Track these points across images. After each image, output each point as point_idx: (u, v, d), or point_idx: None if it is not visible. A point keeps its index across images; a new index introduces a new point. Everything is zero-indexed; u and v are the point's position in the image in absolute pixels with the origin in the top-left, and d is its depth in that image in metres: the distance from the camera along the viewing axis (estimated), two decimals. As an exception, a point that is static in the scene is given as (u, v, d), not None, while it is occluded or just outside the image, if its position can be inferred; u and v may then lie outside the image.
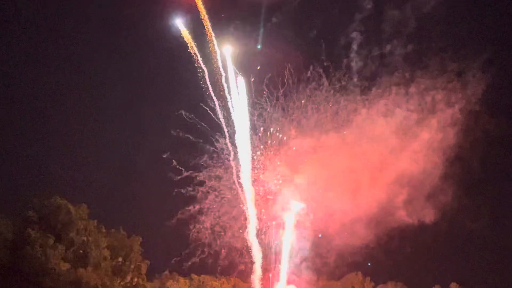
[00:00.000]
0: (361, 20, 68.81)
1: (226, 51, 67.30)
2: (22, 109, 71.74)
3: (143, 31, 70.57)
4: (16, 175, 68.67)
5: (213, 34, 66.41)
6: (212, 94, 66.80)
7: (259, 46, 67.65)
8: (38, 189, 64.89)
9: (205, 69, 66.39)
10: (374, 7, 68.73)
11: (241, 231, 71.04)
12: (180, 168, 68.67)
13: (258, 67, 67.63)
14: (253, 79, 69.13)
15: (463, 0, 71.29)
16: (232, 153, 69.34)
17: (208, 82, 66.86)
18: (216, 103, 67.24)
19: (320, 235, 73.03)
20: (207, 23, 66.13)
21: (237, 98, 68.29)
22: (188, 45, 66.71)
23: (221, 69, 66.97)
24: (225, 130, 68.58)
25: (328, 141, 71.10)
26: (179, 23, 66.22)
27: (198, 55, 66.25)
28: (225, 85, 67.08)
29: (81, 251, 62.69)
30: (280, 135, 71.28)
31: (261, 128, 70.83)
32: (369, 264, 76.07)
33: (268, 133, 70.90)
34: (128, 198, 70.91)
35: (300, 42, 69.00)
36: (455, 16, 69.12)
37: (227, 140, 69.07)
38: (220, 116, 68.10)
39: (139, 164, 72.27)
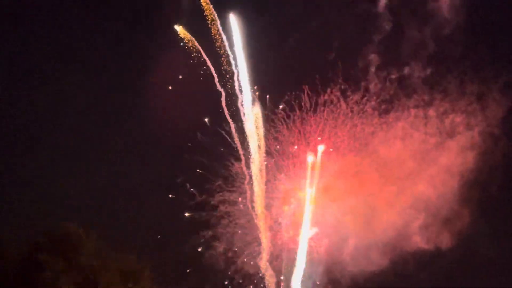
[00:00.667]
0: (379, 41, 69.23)
1: (242, 71, 68.07)
2: (33, 134, 71.89)
3: (157, 51, 71.06)
4: (26, 200, 68.49)
5: (230, 55, 67.17)
6: (228, 117, 67.45)
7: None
8: (48, 213, 65.86)
9: (222, 91, 67.01)
10: (392, 29, 69.21)
11: (254, 256, 71.20)
12: (193, 192, 69.18)
13: None
14: (268, 97, 69.84)
15: (483, 22, 71.10)
16: (247, 177, 69.76)
17: (223, 105, 67.53)
18: (232, 126, 67.88)
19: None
20: (224, 44, 66.91)
21: (253, 120, 68.80)
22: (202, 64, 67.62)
23: (238, 91, 67.65)
24: (241, 153, 69.07)
25: (344, 164, 71.28)
26: (195, 44, 67.04)
27: (215, 76, 66.97)
28: (241, 108, 67.68)
29: (91, 276, 62.61)
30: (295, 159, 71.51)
31: (276, 151, 71.20)
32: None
33: (283, 156, 71.27)
34: (139, 222, 70.93)
35: (317, 64, 69.58)
36: (474, 38, 69.31)
37: (243, 164, 69.50)
38: (236, 139, 68.58)
39: (151, 188, 72.18)
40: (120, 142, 72.00)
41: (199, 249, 70.76)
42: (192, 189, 69.54)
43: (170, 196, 70.27)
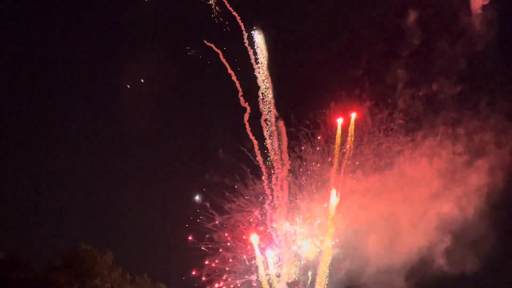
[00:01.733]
0: (408, 57, 69.63)
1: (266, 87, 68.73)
2: (49, 154, 73.37)
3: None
4: (42, 221, 70.48)
5: (255, 69, 67.95)
6: (250, 134, 68.15)
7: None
8: (63, 235, 68.18)
9: (246, 105, 67.76)
10: (422, 45, 69.64)
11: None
12: (212, 213, 70.01)
13: None
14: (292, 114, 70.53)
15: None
16: (270, 196, 70.49)
17: (245, 121, 68.25)
18: (255, 143, 68.64)
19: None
20: (250, 58, 67.67)
21: (276, 138, 69.54)
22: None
23: (261, 108, 68.39)
24: (264, 171, 69.75)
25: (369, 183, 71.68)
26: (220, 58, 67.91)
27: (240, 91, 67.80)
28: (264, 125, 68.40)
29: None
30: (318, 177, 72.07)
31: (299, 169, 71.83)
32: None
33: (306, 175, 71.79)
34: (153, 244, 72.41)
35: (344, 81, 70.18)
36: (506, 55, 69.68)
37: (265, 183, 70.12)
38: (258, 156, 69.26)
39: (167, 210, 73.29)
40: (134, 164, 73.64)
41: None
42: (211, 211, 70.38)
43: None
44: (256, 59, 68.03)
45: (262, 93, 68.30)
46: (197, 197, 69.81)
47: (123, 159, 74.10)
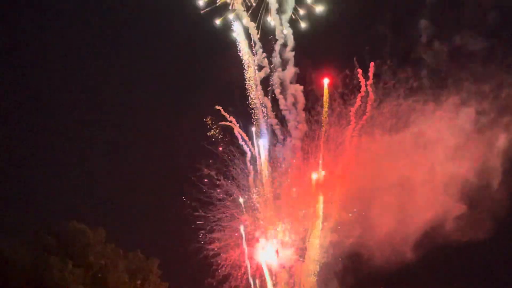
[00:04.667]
0: (432, 7, 69.86)
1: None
2: (40, 134, 75.84)
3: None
4: (33, 201, 72.94)
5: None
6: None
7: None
8: (55, 214, 69.88)
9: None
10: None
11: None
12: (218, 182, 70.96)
13: None
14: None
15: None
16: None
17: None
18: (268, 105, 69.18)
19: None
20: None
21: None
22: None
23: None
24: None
25: (384, 143, 72.78)
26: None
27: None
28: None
29: (99, 275, 66.32)
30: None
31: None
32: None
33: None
34: (145, 220, 75.73)
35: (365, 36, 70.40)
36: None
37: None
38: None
39: (157, 186, 75.47)
40: (125, 143, 76.08)
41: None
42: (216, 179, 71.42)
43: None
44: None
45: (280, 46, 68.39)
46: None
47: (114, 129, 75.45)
